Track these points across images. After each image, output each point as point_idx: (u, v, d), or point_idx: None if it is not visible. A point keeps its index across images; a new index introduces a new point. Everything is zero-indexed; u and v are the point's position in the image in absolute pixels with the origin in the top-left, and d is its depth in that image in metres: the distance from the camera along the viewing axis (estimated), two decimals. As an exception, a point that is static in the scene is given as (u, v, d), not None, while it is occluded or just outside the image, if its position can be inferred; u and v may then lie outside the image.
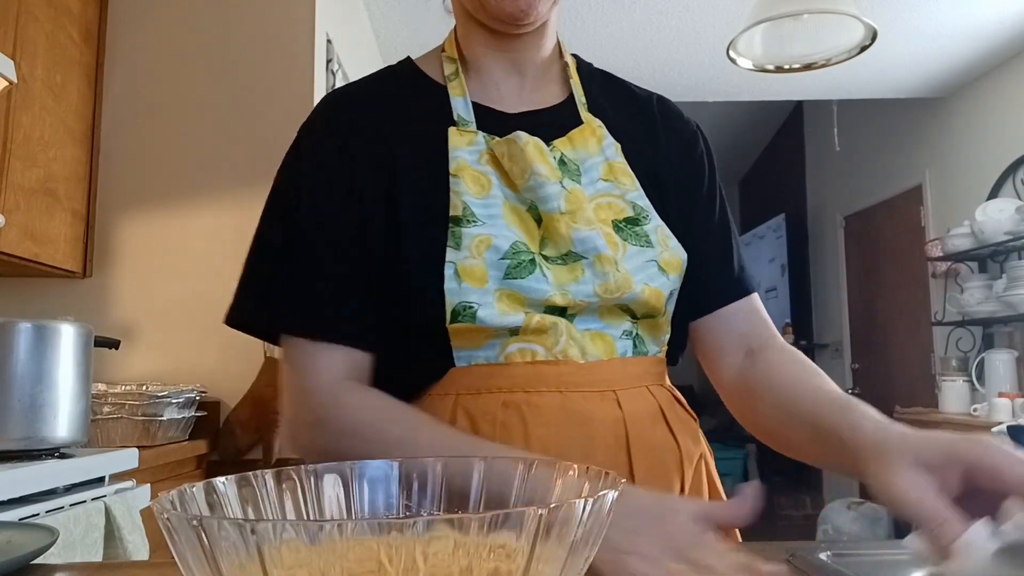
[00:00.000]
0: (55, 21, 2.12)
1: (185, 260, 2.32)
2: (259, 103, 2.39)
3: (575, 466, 0.46)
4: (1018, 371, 3.73)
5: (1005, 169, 3.95)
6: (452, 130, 0.77)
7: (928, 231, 4.55)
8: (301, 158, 0.78)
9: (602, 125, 0.81)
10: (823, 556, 0.61)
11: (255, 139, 2.37)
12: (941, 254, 4.08)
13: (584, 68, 0.88)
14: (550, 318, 0.72)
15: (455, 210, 0.73)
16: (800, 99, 5.74)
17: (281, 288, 0.74)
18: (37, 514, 1.30)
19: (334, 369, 0.72)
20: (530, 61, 0.82)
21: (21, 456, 1.46)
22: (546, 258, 0.74)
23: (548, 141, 0.78)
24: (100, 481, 1.56)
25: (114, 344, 1.96)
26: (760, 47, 2.32)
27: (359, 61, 3.21)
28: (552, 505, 0.34)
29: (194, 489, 0.42)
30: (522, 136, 0.75)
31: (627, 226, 0.76)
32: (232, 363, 2.25)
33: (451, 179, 0.74)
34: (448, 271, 0.71)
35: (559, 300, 0.72)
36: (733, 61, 2.32)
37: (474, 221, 0.72)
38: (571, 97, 0.84)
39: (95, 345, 1.67)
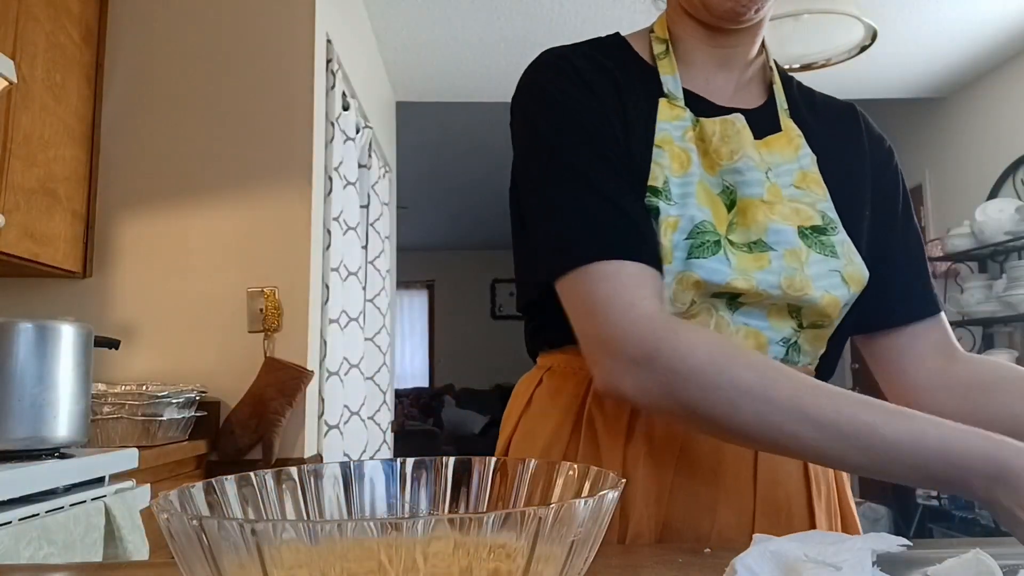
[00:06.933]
0: (55, 21, 2.12)
1: (185, 260, 2.32)
2: (259, 103, 2.39)
3: (575, 466, 0.46)
4: (1018, 371, 3.72)
5: (1005, 169, 3.95)
6: (663, 101, 0.77)
7: (928, 231, 4.55)
8: (557, 103, 0.75)
9: (801, 134, 0.80)
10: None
11: (255, 139, 2.37)
12: (941, 254, 4.07)
13: (782, 73, 0.87)
14: (708, 304, 0.72)
15: (655, 180, 0.73)
16: (800, 99, 5.73)
17: (594, 216, 0.71)
18: (37, 514, 1.30)
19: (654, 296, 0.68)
20: (739, 59, 0.82)
21: (21, 456, 1.46)
22: (732, 243, 0.73)
23: None
24: (100, 481, 1.56)
25: (114, 344, 1.96)
26: (760, 47, 2.31)
27: (359, 61, 3.21)
28: (552, 505, 0.34)
29: (194, 489, 0.42)
30: (740, 118, 0.77)
31: (813, 234, 0.75)
32: (232, 363, 2.25)
33: (655, 150, 0.74)
34: None
35: (741, 284, 0.70)
36: (733, 61, 2.31)
37: (669, 200, 0.72)
38: (771, 100, 0.83)
39: (95, 345, 1.67)
